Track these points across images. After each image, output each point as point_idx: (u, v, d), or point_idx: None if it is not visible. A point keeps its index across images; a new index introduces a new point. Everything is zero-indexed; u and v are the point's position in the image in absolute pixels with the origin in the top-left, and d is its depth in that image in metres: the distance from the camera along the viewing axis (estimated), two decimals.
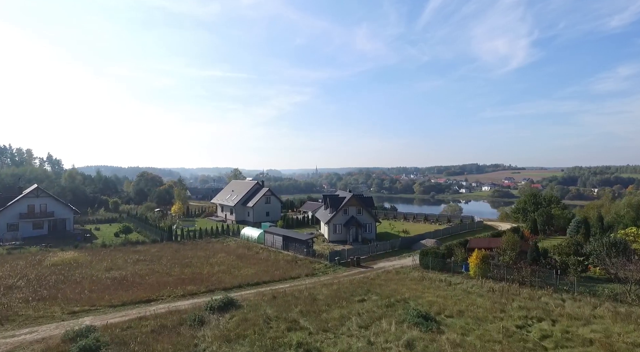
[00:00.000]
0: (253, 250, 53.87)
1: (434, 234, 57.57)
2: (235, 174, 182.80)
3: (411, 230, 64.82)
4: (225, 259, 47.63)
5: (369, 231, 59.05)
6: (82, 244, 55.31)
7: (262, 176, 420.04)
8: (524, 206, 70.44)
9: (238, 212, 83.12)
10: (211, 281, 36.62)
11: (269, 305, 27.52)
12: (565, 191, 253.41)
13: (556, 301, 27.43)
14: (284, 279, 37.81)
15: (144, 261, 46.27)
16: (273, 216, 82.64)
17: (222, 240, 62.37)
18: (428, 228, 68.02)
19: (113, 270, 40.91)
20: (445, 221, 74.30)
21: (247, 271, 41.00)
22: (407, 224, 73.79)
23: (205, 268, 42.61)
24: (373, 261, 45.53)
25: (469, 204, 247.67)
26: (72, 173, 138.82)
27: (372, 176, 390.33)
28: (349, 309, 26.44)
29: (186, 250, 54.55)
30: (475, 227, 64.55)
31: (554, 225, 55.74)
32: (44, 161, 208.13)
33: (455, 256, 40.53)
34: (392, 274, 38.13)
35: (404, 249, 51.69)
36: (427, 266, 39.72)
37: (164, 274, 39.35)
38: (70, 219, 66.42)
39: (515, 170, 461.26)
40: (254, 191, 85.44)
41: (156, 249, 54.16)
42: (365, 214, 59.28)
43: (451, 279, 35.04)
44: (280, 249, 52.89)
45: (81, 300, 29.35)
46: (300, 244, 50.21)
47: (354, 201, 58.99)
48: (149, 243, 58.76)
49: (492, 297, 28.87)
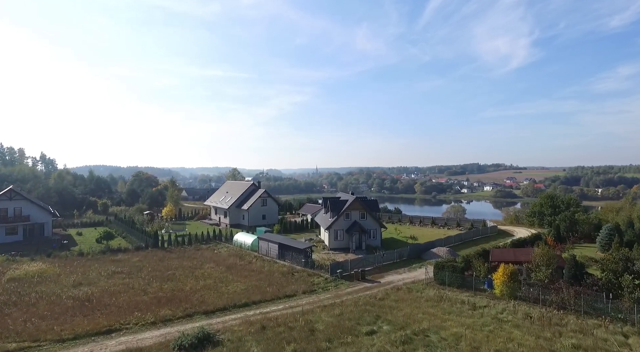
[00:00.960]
0: (246, 259, 48.54)
1: (445, 241, 52.18)
2: (233, 173, 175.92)
3: (419, 235, 59.46)
4: (213, 270, 42.29)
5: (373, 238, 53.65)
6: (56, 252, 49.87)
7: (261, 175, 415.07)
8: (541, 209, 65.01)
9: (232, 215, 77.73)
10: (192, 301, 31.25)
11: (256, 340, 22.08)
12: (568, 191, 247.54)
13: (617, 337, 21.90)
14: (278, 298, 32.46)
15: (121, 273, 40.89)
16: (270, 219, 77.29)
17: (214, 246, 57.03)
18: (437, 234, 62.74)
19: (82, 285, 35.52)
20: (455, 225, 69.00)
21: (236, 287, 35.65)
22: (413, 229, 68.43)
23: (189, 282, 37.26)
24: (380, 274, 40.15)
25: (471, 204, 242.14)
26: (61, 173, 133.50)
27: (372, 175, 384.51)
28: (356, 348, 21.02)
29: (172, 259, 49.21)
30: (489, 233, 59.15)
31: (578, 231, 50.37)
32: (37, 161, 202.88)
33: (475, 269, 35.20)
34: (404, 292, 32.74)
35: (413, 259, 46.34)
36: (443, 282, 34.37)
37: (139, 291, 33.97)
38: (49, 223, 61.00)
39: (516, 170, 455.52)
40: (250, 192, 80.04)
41: (138, 258, 48.82)
42: (370, 218, 53.88)
43: (474, 300, 29.65)
44: (275, 259, 47.53)
45: (23, 332, 23.69)
46: (298, 253, 44.86)
47: (357, 204, 53.59)
48: (132, 250, 53.39)
49: (533, 329, 23.37)
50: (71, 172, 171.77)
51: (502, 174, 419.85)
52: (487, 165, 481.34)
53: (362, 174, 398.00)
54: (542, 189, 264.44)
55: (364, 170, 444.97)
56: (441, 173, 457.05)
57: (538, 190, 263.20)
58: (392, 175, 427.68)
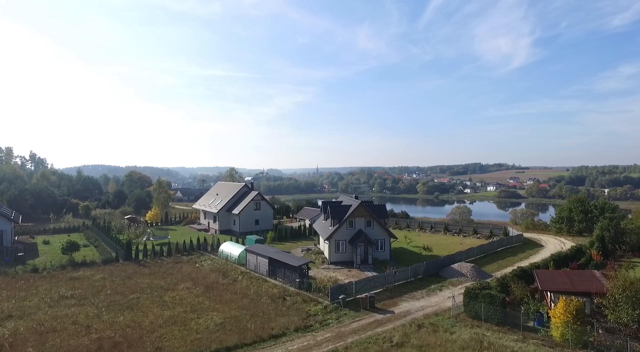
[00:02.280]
0: (230, 275, 40.81)
1: (467, 254, 44.32)
2: (230, 173, 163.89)
3: (432, 245, 51.57)
4: (188, 293, 34.52)
5: (381, 249, 45.78)
6: (5, 268, 42.10)
7: (261, 175, 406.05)
8: (570, 215, 57.11)
9: (222, 220, 69.90)
10: (146, 346, 23.45)
11: None
12: (574, 191, 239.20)
13: None
14: (261, 339, 24.62)
15: (72, 297, 33.09)
16: (264, 225, 69.49)
17: (196, 258, 49.33)
18: (452, 243, 54.93)
19: (11, 319, 27.71)
20: (471, 232, 61.12)
21: (211, 320, 27.86)
22: (424, 236, 60.62)
23: (153, 312, 29.52)
24: (392, 300, 32.31)
25: (474, 205, 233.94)
26: (45, 173, 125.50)
27: (373, 175, 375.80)
28: None
29: (143, 275, 41.49)
30: (514, 242, 51.26)
31: (627, 243, 42.55)
32: (26, 160, 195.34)
33: (516, 297, 27.35)
34: (428, 332, 24.90)
35: (431, 277, 38.45)
36: (478, 316, 26.51)
37: (80, 329, 26.10)
38: (8, 231, 53.12)
39: (519, 169, 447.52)
40: (242, 194, 72.18)
41: (102, 275, 41.11)
42: (377, 227, 46.02)
43: (528, 350, 21.81)
44: (265, 276, 39.74)
45: None
46: (292, 270, 37.04)
47: (363, 210, 45.71)
48: (98, 264, 45.62)
49: None
50: (59, 172, 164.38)
51: (505, 173, 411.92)
52: (489, 165, 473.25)
53: (363, 174, 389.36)
54: (547, 189, 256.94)
55: (365, 170, 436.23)
56: (443, 173, 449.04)
57: (543, 190, 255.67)
58: (393, 175, 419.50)
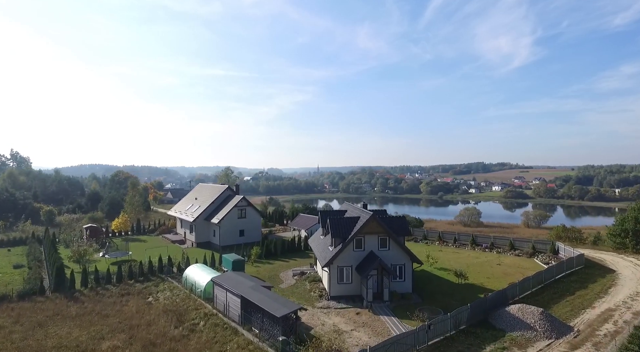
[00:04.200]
0: (187, 321, 28.46)
1: (522, 286, 31.64)
2: (226, 172, 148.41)
3: (463, 266, 38.95)
4: None
5: (400, 278, 33.09)
6: None
7: (261, 174, 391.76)
8: (635, 227, 44.58)
9: (200, 230, 57.46)
10: None
11: None
12: (584, 191, 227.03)
13: None
14: None
15: None
16: (250, 236, 57.09)
17: (153, 287, 37.08)
18: (487, 262, 42.09)
19: None
20: (507, 247, 48.51)
21: None
22: (448, 251, 48.25)
23: None
24: None
25: (479, 205, 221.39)
26: (12, 172, 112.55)
27: (375, 175, 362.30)
28: None
29: (65, 319, 29.27)
30: (575, 266, 38.57)
31: None
32: (7, 159, 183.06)
33: None
34: None
35: (480, 329, 25.85)
36: None
37: None
38: None
39: (523, 169, 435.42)
40: (223, 199, 59.75)
41: (3, 320, 28.72)
42: (395, 248, 33.32)
43: None
44: (236, 324, 27.28)
45: None
46: (273, 321, 24.47)
47: (375, 225, 32.97)
48: (10, 299, 33.24)
49: None
50: (35, 172, 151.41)
51: (508, 173, 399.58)
52: (492, 164, 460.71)
53: (365, 174, 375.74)
54: (554, 189, 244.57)
55: (366, 170, 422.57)
56: (445, 172, 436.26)
57: (551, 190, 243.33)
58: (395, 174, 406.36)
